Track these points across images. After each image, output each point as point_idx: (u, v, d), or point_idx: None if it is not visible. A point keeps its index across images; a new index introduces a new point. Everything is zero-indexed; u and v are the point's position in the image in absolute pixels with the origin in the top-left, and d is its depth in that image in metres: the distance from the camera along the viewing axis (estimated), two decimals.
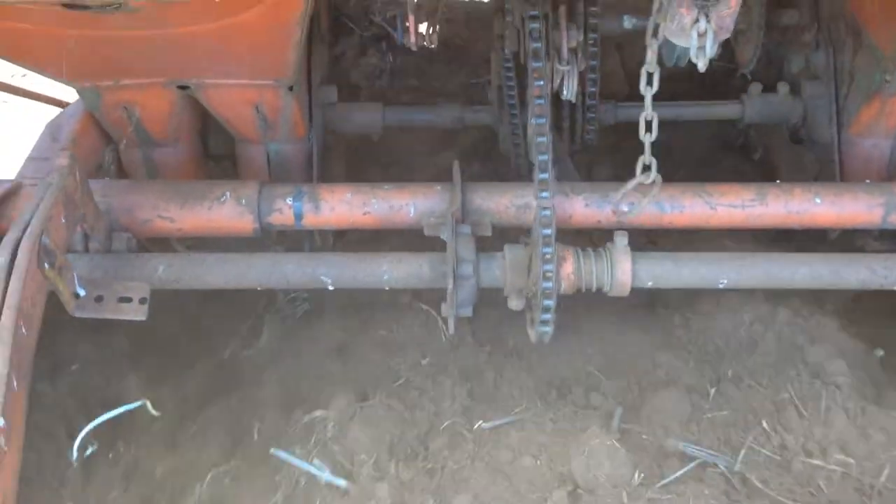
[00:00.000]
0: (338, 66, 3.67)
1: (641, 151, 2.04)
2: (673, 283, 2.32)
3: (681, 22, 1.57)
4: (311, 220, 2.43)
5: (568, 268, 2.23)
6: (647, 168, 2.07)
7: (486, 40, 3.21)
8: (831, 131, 2.76)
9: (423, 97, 3.69)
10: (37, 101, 3.29)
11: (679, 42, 1.61)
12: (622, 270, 2.24)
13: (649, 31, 1.72)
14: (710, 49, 1.59)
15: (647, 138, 1.98)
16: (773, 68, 3.22)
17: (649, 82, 1.85)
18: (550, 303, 2.16)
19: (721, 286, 2.33)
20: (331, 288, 2.29)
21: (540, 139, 2.17)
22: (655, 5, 1.64)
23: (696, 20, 1.55)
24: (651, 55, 1.79)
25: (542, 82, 2.21)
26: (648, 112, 1.93)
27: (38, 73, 2.33)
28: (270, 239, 2.64)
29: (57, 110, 2.88)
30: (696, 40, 1.58)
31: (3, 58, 2.26)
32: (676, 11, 1.56)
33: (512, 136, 2.87)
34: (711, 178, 2.50)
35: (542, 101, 2.21)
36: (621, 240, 2.25)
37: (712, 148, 3.49)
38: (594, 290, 2.25)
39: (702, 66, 1.62)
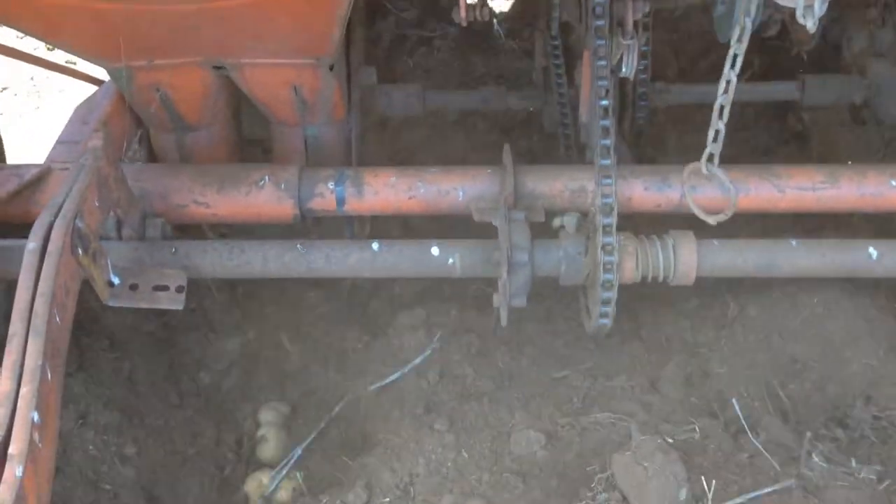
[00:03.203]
0: (374, 47, 3.55)
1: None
2: (739, 272, 2.20)
3: None
4: (354, 205, 2.31)
5: (629, 260, 2.11)
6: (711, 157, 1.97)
7: None
8: None
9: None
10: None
11: (785, 3, 1.48)
12: (687, 259, 2.12)
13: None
14: (820, 8, 1.46)
15: (720, 125, 1.86)
16: (827, 48, 3.07)
17: (733, 65, 1.74)
18: (610, 295, 2.07)
19: (789, 274, 2.19)
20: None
21: (603, 122, 2.04)
22: None
23: None
24: (736, 37, 1.67)
25: (604, 62, 2.08)
26: (722, 97, 1.81)
27: (69, 51, 2.23)
28: (306, 228, 2.52)
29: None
30: None
31: (34, 36, 2.16)
32: None
33: (561, 119, 2.74)
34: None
35: (604, 83, 2.07)
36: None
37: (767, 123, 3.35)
38: (660, 279, 2.12)
39: (811, 25, 1.49)
